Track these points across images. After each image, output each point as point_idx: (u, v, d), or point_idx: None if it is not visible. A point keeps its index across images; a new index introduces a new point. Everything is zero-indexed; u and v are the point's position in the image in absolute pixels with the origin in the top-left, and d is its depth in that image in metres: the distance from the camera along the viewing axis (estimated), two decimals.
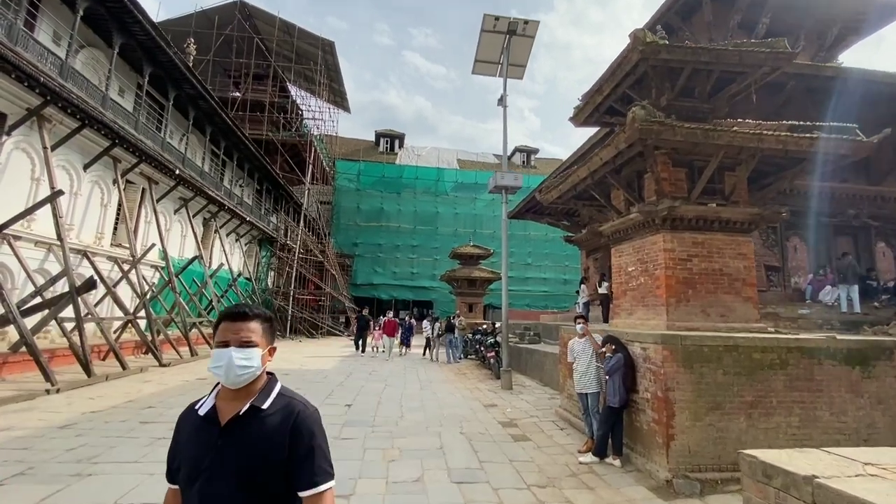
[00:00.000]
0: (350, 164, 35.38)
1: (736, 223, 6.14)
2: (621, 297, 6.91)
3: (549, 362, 10.05)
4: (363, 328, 16.48)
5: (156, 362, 11.51)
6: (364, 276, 32.76)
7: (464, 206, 35.48)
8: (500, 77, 11.76)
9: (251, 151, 19.88)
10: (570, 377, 6.94)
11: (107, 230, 12.60)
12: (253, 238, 24.00)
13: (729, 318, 5.98)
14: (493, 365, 11.07)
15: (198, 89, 14.03)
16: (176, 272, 14.14)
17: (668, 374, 4.65)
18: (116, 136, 11.11)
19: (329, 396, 8.33)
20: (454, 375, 11.85)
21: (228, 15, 26.58)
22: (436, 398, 8.59)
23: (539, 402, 8.38)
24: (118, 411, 6.65)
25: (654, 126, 5.17)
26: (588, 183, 6.77)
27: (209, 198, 16.76)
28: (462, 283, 22.63)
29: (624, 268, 6.90)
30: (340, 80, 31.61)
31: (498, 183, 10.09)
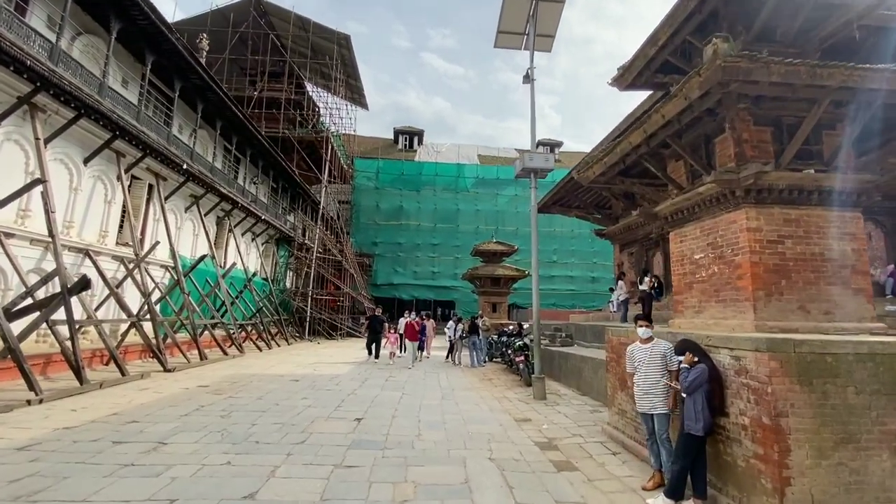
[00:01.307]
0: (368, 161, 34.69)
1: (841, 194, 4.80)
2: (684, 291, 5.63)
3: (588, 369, 8.80)
4: (376, 331, 14.30)
5: (161, 367, 10.79)
6: (384, 275, 31.96)
7: (485, 203, 34.29)
8: (525, 50, 10.58)
9: (265, 147, 19.22)
10: (622, 389, 5.71)
11: (111, 228, 11.99)
12: (270, 238, 23.43)
13: (835, 316, 4.65)
14: (522, 370, 9.88)
15: (205, 80, 13.34)
16: (184, 272, 13.47)
17: (779, 394, 3.40)
18: (117, 127, 10.44)
19: (338, 408, 7.32)
20: (479, 381, 10.71)
21: (243, 12, 26.19)
22: (459, 410, 7.46)
23: (580, 417, 7.15)
24: (95, 427, 5.79)
25: (740, 63, 3.92)
26: (642, 151, 5.51)
27: (221, 195, 16.12)
28: (485, 281, 21.46)
29: (687, 255, 5.61)
30: (357, 76, 30.88)
31: (526, 165, 8.90)
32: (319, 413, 6.93)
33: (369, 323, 14.91)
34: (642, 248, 16.76)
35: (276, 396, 8.14)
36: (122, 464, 4.51)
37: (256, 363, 13.08)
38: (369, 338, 14.33)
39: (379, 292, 31.33)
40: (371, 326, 14.64)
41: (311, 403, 7.61)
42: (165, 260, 13.88)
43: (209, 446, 5.15)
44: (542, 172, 9.23)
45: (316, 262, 25.13)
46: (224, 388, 8.92)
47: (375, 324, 14.52)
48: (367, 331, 15.12)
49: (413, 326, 13.26)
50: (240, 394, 8.30)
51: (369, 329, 14.63)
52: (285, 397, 8.08)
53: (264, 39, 26.49)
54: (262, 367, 12.32)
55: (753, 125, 4.86)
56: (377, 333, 14.24)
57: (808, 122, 4.56)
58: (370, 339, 14.25)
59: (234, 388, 8.84)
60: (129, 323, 11.19)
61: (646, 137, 5.25)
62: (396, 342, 13.87)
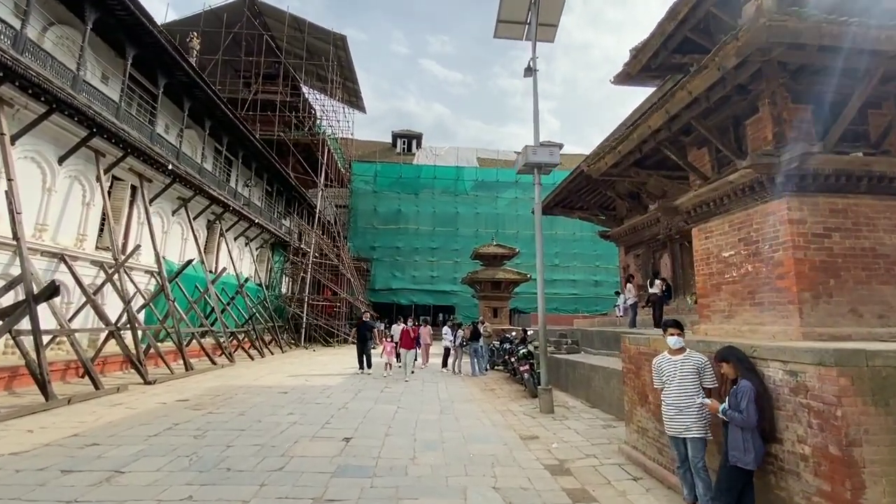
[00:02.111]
0: (366, 165, 34.16)
1: (893, 181, 4.19)
2: (711, 293, 5.00)
3: (599, 378, 8.14)
4: (365, 339, 12.63)
5: (141, 379, 10.12)
6: (382, 280, 31.32)
7: (485, 206, 33.73)
8: (526, 40, 10.01)
9: (258, 149, 18.64)
10: (641, 405, 5.06)
11: (90, 232, 11.37)
12: (264, 242, 22.80)
13: (890, 320, 4.03)
14: (527, 381, 9.22)
15: (191, 76, 12.78)
16: (169, 277, 12.82)
17: (850, 418, 2.76)
18: (94, 124, 9.85)
19: (326, 425, 6.65)
20: (480, 392, 10.05)
21: (237, 13, 25.73)
22: (459, 427, 6.80)
23: (592, 433, 6.48)
24: (47, 452, 5.13)
25: (788, 23, 3.31)
26: (662, 137, 4.89)
27: (211, 198, 15.52)
28: (486, 285, 20.82)
29: (714, 253, 4.98)
30: (354, 78, 30.42)
31: (529, 160, 8.29)
32: (305, 431, 6.26)
33: (357, 330, 13.16)
34: (649, 250, 16.14)
35: (260, 412, 7.47)
36: (62, 500, 3.85)
37: (245, 373, 12.41)
38: (358, 347, 12.74)
39: (377, 297, 30.67)
40: (359, 334, 12.88)
41: (298, 420, 6.95)
42: (150, 265, 13.24)
43: (172, 475, 4.49)
44: (547, 168, 8.62)
45: (312, 267, 24.49)
46: (205, 402, 8.25)
47: (364, 331, 12.77)
48: (354, 339, 13.70)
49: (409, 334, 11.95)
50: (221, 409, 7.64)
51: (357, 338, 12.90)
52: (270, 412, 7.42)
53: (258, 40, 26.02)
54: (251, 377, 11.65)
55: (792, 102, 4.26)
56: (366, 342, 12.67)
57: (858, 96, 3.95)
58: (360, 349, 12.64)
59: (216, 403, 8.18)
60: (108, 332, 10.51)
61: (668, 119, 4.62)
62: (392, 351, 12.41)
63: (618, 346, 10.64)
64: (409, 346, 11.87)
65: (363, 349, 12.56)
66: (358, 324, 13.58)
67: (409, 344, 11.88)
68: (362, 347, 12.58)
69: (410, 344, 11.89)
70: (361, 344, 12.63)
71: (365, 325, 13.02)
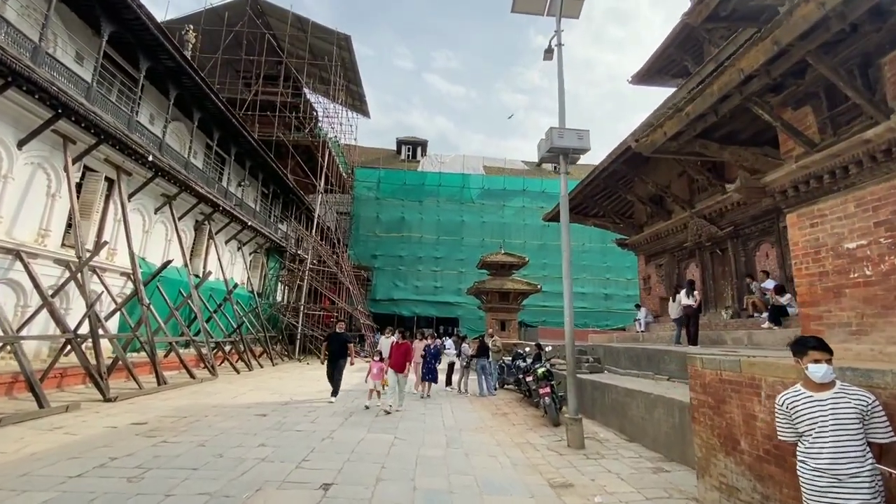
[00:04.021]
0: (369, 171, 33.12)
1: None
2: (824, 300, 3.66)
3: (638, 406, 6.73)
4: (337, 356, 9.61)
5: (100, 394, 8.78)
6: (384, 290, 29.98)
7: (491, 215, 32.48)
8: (548, 16, 8.82)
9: (253, 147, 17.52)
10: (727, 453, 3.68)
11: (55, 226, 10.16)
12: (259, 247, 21.56)
13: None
14: (548, 406, 7.81)
15: (177, 61, 11.68)
16: (145, 280, 11.56)
17: None
18: (58, 103, 8.69)
19: (302, 464, 5.28)
20: (491, 417, 8.63)
21: (239, 12, 24.97)
22: (470, 467, 5.41)
23: (642, 480, 5.07)
24: None
25: None
26: (755, 89, 3.61)
27: (199, 196, 14.33)
28: (493, 296, 19.49)
29: (829, 245, 3.66)
30: (358, 81, 29.52)
31: (555, 144, 7.02)
32: (274, 472, 4.89)
33: (327, 345, 9.92)
34: (673, 259, 14.79)
35: (226, 441, 6.11)
36: None
37: (226, 389, 11.03)
38: (329, 367, 9.74)
39: (378, 308, 29.30)
40: (330, 350, 9.73)
41: (269, 454, 5.58)
42: (126, 267, 11.98)
43: None
44: (575, 156, 7.34)
45: (310, 275, 23.21)
46: (164, 426, 6.89)
47: (335, 346, 9.66)
48: (324, 356, 10.18)
49: (402, 350, 9.06)
50: (179, 437, 6.28)
51: (328, 353, 9.84)
52: (237, 443, 6.05)
53: (260, 40, 25.20)
54: (230, 394, 10.27)
55: None
56: (338, 359, 9.62)
57: None
58: (330, 369, 9.70)
59: (177, 428, 6.82)
60: (65, 341, 9.22)
61: (772, 58, 3.33)
62: (381, 374, 9.23)
63: (651, 366, 9.25)
64: (401, 366, 8.97)
65: (334, 368, 9.65)
66: (328, 336, 10.39)
67: (401, 364, 8.98)
68: (333, 366, 9.66)
69: (402, 364, 9.00)
70: (333, 361, 9.67)
71: (338, 338, 9.84)
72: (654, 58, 16.47)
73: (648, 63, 16.90)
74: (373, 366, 9.45)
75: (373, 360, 9.66)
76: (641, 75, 17.87)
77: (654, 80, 17.81)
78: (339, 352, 9.65)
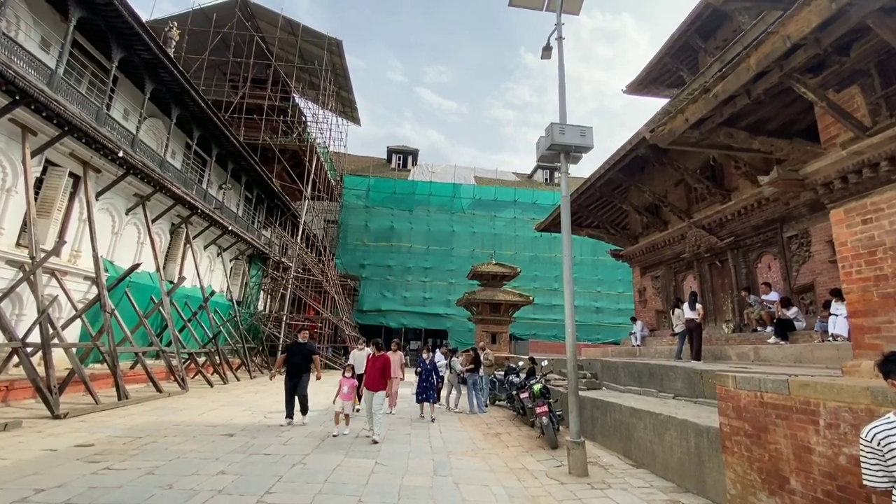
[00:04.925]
0: (359, 179, 32.53)
1: None
2: (883, 309, 3.11)
3: (646, 428, 6.10)
4: (299, 369, 7.98)
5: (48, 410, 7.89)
6: (371, 301, 29.14)
7: (482, 225, 32.03)
8: (547, 11, 8.40)
9: (237, 149, 16.80)
10: (771, 492, 3.06)
11: (10, 224, 9.33)
12: (240, 253, 20.68)
13: None
14: (545, 426, 7.14)
15: (154, 52, 11.01)
16: (109, 284, 10.70)
17: None
18: (14, 88, 7.95)
19: (264, 498, 4.53)
20: (483, 438, 7.92)
21: (228, 14, 24.44)
22: (461, 501, 4.71)
23: None
24: None
25: None
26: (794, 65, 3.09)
27: (175, 197, 13.53)
28: (483, 308, 18.83)
29: (887, 245, 3.12)
30: (349, 87, 29.09)
31: (556, 140, 6.49)
32: None
33: (287, 356, 8.19)
34: (670, 271, 14.36)
35: (181, 468, 5.32)
36: None
37: (194, 405, 10.15)
38: (287, 383, 8.07)
39: (365, 319, 28.43)
40: (289, 363, 8.03)
41: (228, 484, 4.82)
42: (91, 270, 11.12)
43: None
44: (577, 154, 6.81)
45: (294, 284, 22.32)
46: (114, 449, 6.07)
47: (297, 358, 8.00)
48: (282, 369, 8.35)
49: (380, 364, 7.41)
50: (127, 462, 5.47)
51: (287, 368, 8.07)
52: (194, 469, 5.27)
53: (249, 43, 24.66)
54: (198, 411, 9.41)
55: None
56: (300, 374, 7.98)
57: None
58: (288, 387, 8.05)
59: (128, 451, 6.00)
60: (11, 350, 8.33)
61: (822, 23, 2.81)
62: (352, 393, 7.77)
63: (654, 382, 8.63)
64: (378, 384, 7.35)
65: (295, 386, 8.00)
66: (289, 346, 8.52)
67: (378, 382, 7.35)
68: (293, 384, 8.00)
69: (380, 382, 7.36)
70: (292, 378, 7.98)
71: (300, 348, 8.15)
72: (650, 67, 16.29)
73: (644, 72, 16.72)
74: (342, 383, 7.68)
75: (342, 377, 7.84)
76: (636, 85, 17.68)
77: (649, 89, 17.63)
78: (301, 365, 7.97)
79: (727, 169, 11.09)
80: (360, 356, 9.23)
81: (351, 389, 7.69)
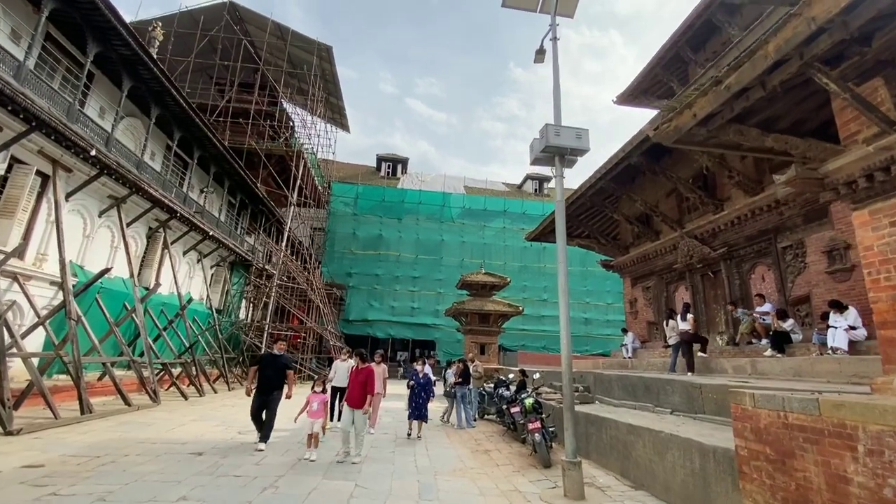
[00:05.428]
0: (347, 186, 32.10)
1: None
2: None
3: (645, 447, 5.74)
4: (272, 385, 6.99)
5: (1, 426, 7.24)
6: (358, 310, 28.53)
7: (471, 235, 31.76)
8: (541, 13, 8.20)
9: (220, 151, 16.30)
10: None
11: None
12: (222, 260, 20.01)
13: None
14: (538, 444, 6.74)
15: (132, 48, 10.55)
16: (76, 290, 10.08)
17: None
18: None
19: None
20: (471, 455, 7.48)
21: (215, 17, 24.06)
22: None
23: None
24: None
25: None
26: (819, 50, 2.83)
27: (153, 199, 12.95)
28: (472, 318, 18.45)
29: None
30: (339, 93, 28.81)
31: (551, 142, 6.21)
32: None
33: (258, 370, 7.15)
34: (661, 282, 14.18)
35: (138, 493, 4.79)
36: None
37: (164, 419, 9.52)
38: (255, 400, 6.99)
39: (351, 329, 27.80)
40: (261, 375, 7.04)
41: None
42: (58, 274, 10.48)
43: None
44: (571, 158, 6.53)
45: (277, 292, 21.69)
46: (65, 470, 5.50)
47: (270, 372, 7.00)
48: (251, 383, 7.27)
49: (361, 380, 6.61)
50: (78, 486, 4.92)
51: (258, 383, 7.05)
52: (151, 495, 4.74)
53: (237, 46, 24.25)
54: (167, 426, 8.80)
55: None
56: (273, 391, 6.99)
57: None
58: (256, 403, 6.97)
59: (81, 472, 5.43)
60: None
61: (850, 3, 2.55)
62: (323, 410, 6.90)
63: (650, 397, 8.27)
64: (361, 400, 6.50)
65: (264, 403, 6.97)
66: (260, 357, 7.65)
67: (361, 397, 6.50)
68: (262, 401, 6.96)
69: (360, 398, 6.50)
70: (262, 395, 6.96)
71: (274, 361, 7.15)
72: (641, 77, 16.31)
73: (635, 83, 16.73)
74: (311, 399, 6.70)
75: (313, 392, 6.85)
76: (627, 96, 17.70)
77: (640, 100, 17.66)
78: (274, 380, 6.98)
79: (720, 178, 10.97)
80: (342, 367, 8.62)
81: (322, 406, 6.82)
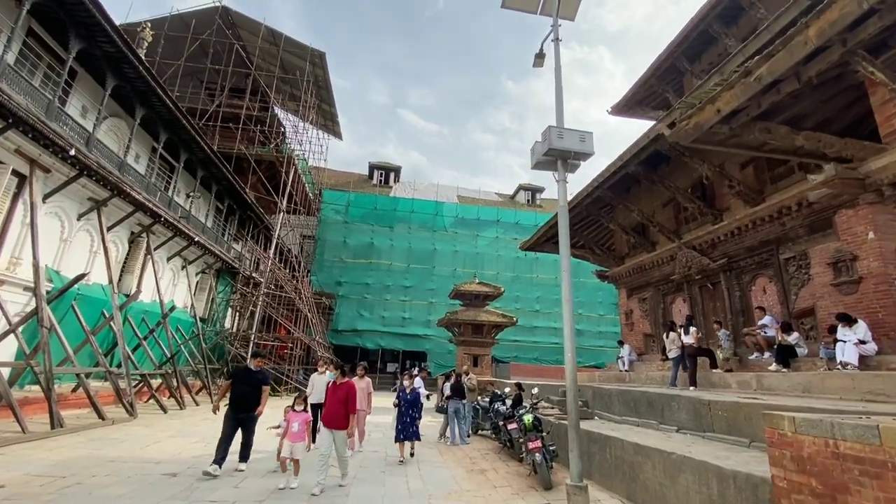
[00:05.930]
0: (338, 194, 31.68)
1: None
2: None
3: (655, 469, 5.39)
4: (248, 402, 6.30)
5: None
6: (347, 320, 27.94)
7: (464, 244, 31.47)
8: (541, 14, 8.01)
9: (207, 155, 15.87)
10: None
11: None
12: (208, 266, 19.43)
13: None
14: (538, 464, 6.36)
15: (117, 45, 10.17)
16: (50, 296, 9.54)
17: None
18: None
19: None
20: (467, 475, 7.07)
21: (207, 21, 23.75)
22: None
23: None
24: None
25: None
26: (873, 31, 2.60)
27: (135, 203, 12.45)
28: (465, 328, 18.07)
29: None
30: (332, 100, 28.57)
31: (554, 145, 5.94)
32: None
33: (231, 384, 6.42)
34: (658, 293, 13.98)
35: None
36: None
37: (139, 435, 8.96)
38: (230, 420, 6.25)
39: (340, 339, 27.18)
40: (234, 392, 6.28)
41: None
42: (32, 280, 9.93)
43: None
44: (574, 162, 6.27)
45: (264, 300, 21.10)
46: (27, 492, 4.99)
47: (245, 388, 6.30)
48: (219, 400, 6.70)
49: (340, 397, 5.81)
50: None
51: (231, 399, 6.30)
52: None
53: (228, 51, 23.92)
54: (141, 442, 8.25)
55: None
56: (249, 408, 6.31)
57: None
58: (228, 424, 6.24)
59: (43, 494, 4.93)
60: None
61: None
62: (304, 432, 6.11)
63: (653, 413, 7.88)
64: (340, 421, 5.74)
65: (239, 423, 6.28)
66: (234, 372, 7.04)
67: (341, 417, 5.74)
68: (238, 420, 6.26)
69: (343, 418, 5.75)
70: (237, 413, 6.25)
71: (248, 378, 6.44)
72: (636, 88, 16.29)
73: (629, 93, 16.71)
74: (291, 418, 6.00)
75: (291, 410, 6.16)
76: (621, 106, 17.68)
77: (634, 111, 17.64)
78: (251, 397, 6.28)
79: (719, 188, 10.83)
80: (319, 381, 7.77)
81: (303, 427, 6.04)
